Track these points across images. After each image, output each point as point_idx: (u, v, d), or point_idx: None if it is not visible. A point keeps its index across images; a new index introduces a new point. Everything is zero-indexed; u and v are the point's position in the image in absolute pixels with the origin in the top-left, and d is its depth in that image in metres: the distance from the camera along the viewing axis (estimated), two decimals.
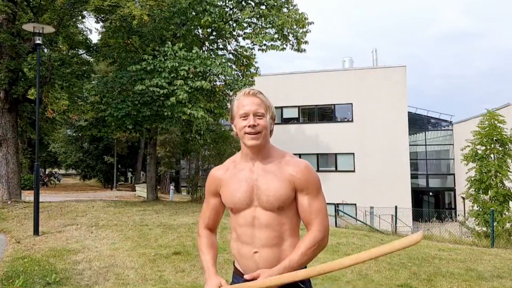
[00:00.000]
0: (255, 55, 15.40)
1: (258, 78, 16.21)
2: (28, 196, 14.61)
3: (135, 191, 22.87)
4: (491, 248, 8.63)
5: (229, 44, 16.11)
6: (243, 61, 15.87)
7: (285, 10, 14.62)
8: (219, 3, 13.84)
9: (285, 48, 14.67)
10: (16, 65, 11.73)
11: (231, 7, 14.73)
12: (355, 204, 22.10)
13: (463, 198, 17.79)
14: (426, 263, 6.36)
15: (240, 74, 15.17)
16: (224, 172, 1.88)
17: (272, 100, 1.90)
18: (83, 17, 14.12)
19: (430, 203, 27.58)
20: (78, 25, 14.78)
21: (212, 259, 1.86)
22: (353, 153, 23.63)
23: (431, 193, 27.82)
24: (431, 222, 20.28)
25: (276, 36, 14.36)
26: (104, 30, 14.47)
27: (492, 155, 13.62)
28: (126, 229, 8.23)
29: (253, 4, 14.55)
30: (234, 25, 14.55)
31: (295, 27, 14.18)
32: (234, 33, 15.00)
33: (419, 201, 26.84)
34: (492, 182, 13.03)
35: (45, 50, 13.38)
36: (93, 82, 13.90)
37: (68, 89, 12.91)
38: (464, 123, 24.48)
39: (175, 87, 11.20)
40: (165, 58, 11.55)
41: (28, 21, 11.28)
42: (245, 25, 14.41)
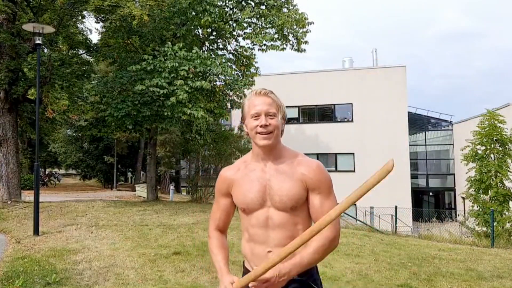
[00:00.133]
0: (255, 55, 15.40)
1: (258, 78, 16.20)
2: (28, 196, 14.61)
3: (135, 191, 22.86)
4: (491, 248, 8.64)
5: (229, 44, 16.10)
6: (243, 61, 15.86)
7: (285, 10, 14.61)
8: (219, 3, 13.84)
9: (285, 48, 14.66)
10: (16, 65, 11.73)
11: (231, 7, 14.72)
12: (355, 204, 22.08)
13: (463, 198, 17.80)
14: (426, 263, 6.36)
15: (240, 74, 15.15)
16: (235, 173, 1.87)
17: None
18: (83, 17, 14.13)
19: (430, 203, 27.58)
20: (78, 25, 14.78)
21: (224, 259, 1.85)
22: (353, 153, 23.64)
23: (431, 193, 27.83)
24: (431, 222, 20.26)
25: (276, 36, 14.35)
26: (104, 30, 14.47)
27: (492, 155, 13.63)
28: (126, 229, 8.23)
29: (253, 4, 14.55)
30: (234, 25, 14.54)
31: (295, 27, 14.17)
32: (234, 33, 14.99)
33: (419, 201, 26.85)
34: (492, 182, 13.05)
35: (45, 50, 13.38)
36: (93, 82, 13.89)
37: (68, 89, 12.92)
38: (464, 123, 24.49)
39: (175, 87, 11.20)
40: (165, 58, 11.55)
41: (28, 21, 11.28)
42: (245, 25, 14.40)
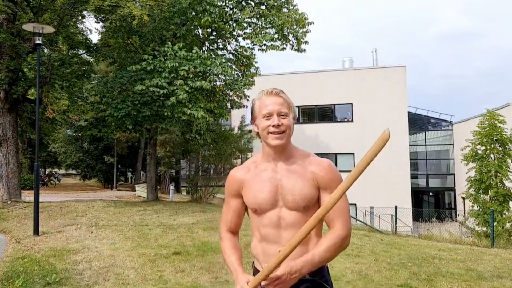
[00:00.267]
0: (255, 55, 15.39)
1: (258, 78, 16.19)
2: (28, 196, 14.61)
3: (135, 191, 22.85)
4: (491, 248, 8.64)
5: (229, 44, 16.09)
6: (243, 61, 15.86)
7: (285, 10, 14.60)
8: (219, 3, 13.83)
9: (285, 48, 14.65)
10: (16, 65, 11.73)
11: (231, 7, 14.72)
12: (355, 204, 22.06)
13: (463, 198, 17.80)
14: (426, 263, 6.36)
15: (240, 74, 15.15)
16: (245, 173, 1.85)
17: None
18: (83, 17, 14.13)
19: (430, 203, 27.58)
20: (78, 25, 14.77)
21: (238, 259, 1.84)
22: (353, 153, 23.61)
23: (431, 193, 27.83)
24: (431, 222, 20.27)
25: (276, 36, 14.35)
26: (104, 30, 14.46)
27: (492, 155, 13.64)
28: (126, 229, 8.23)
29: (253, 4, 14.54)
30: (234, 25, 14.54)
31: (295, 27, 14.17)
32: (234, 33, 14.99)
33: (419, 201, 26.84)
34: (492, 182, 13.05)
35: (45, 50, 13.37)
36: (93, 82, 13.89)
37: (68, 89, 12.92)
38: (464, 123, 24.49)
39: (175, 87, 11.19)
40: (165, 58, 11.54)
41: (28, 21, 11.27)
42: (245, 25, 14.40)
